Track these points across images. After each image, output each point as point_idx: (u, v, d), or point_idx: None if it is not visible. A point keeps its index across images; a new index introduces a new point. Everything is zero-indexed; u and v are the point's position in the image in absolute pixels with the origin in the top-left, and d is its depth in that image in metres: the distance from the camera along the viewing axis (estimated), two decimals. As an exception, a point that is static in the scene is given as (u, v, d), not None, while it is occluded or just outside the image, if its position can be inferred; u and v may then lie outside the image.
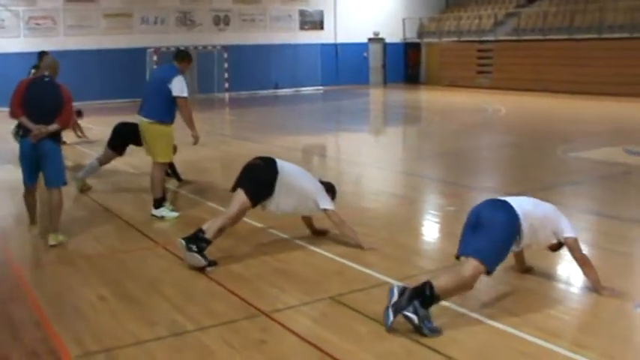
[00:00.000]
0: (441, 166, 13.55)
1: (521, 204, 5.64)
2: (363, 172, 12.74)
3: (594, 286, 5.86)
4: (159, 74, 9.68)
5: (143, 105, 9.18)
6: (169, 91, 8.84)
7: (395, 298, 5.04)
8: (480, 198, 6.75)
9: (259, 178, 7.11)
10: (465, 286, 5.32)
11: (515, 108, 24.32)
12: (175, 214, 9.01)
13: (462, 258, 5.47)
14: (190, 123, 9.12)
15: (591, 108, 23.86)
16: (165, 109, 8.94)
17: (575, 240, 5.84)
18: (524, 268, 6.42)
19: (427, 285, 5.10)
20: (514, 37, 32.65)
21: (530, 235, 5.58)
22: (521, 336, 5.06)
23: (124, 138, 10.95)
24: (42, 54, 13.08)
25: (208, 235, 6.78)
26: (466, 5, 38.30)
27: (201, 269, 6.70)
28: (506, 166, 13.47)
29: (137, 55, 29.87)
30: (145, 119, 9.02)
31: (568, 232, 5.82)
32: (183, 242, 6.73)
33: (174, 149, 9.93)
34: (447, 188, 11.15)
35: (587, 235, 7.60)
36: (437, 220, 9.10)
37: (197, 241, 6.73)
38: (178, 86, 8.87)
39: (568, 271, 6.34)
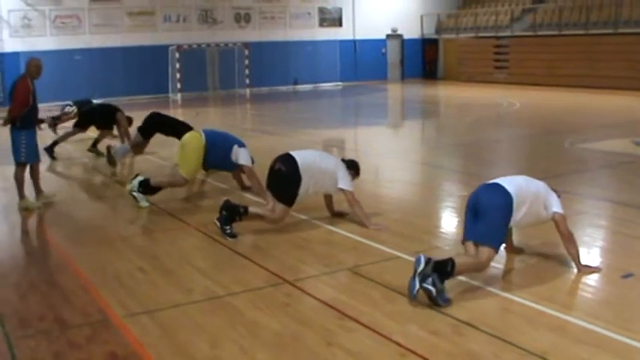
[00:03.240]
0: (454, 156, 14.13)
1: (513, 183, 6.25)
2: (380, 163, 13.33)
3: (574, 262, 6.39)
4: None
5: (214, 133, 9.97)
6: (231, 156, 9.68)
7: (422, 266, 5.58)
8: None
9: (288, 186, 7.85)
10: (481, 269, 6.02)
11: (530, 102, 24.75)
12: (145, 204, 9.48)
13: (469, 243, 6.11)
14: (261, 190, 9.31)
15: (605, 102, 24.27)
16: (228, 156, 9.72)
17: (562, 216, 6.39)
18: (514, 249, 6.97)
19: (450, 262, 5.69)
20: (530, 33, 33.06)
21: (521, 210, 6.17)
22: (516, 300, 5.70)
23: (154, 125, 11.64)
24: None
25: (251, 210, 7.75)
26: (483, 1, 38.71)
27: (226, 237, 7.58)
28: (515, 157, 14.02)
29: (160, 52, 30.60)
30: (202, 136, 9.64)
31: (556, 208, 6.39)
32: (225, 229, 7.66)
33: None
34: (459, 177, 11.75)
35: (584, 217, 8.26)
36: (448, 204, 9.69)
37: (234, 211, 7.67)
38: (245, 156, 9.73)
39: (562, 249, 6.87)
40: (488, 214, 6.03)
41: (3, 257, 7.72)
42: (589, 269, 6.34)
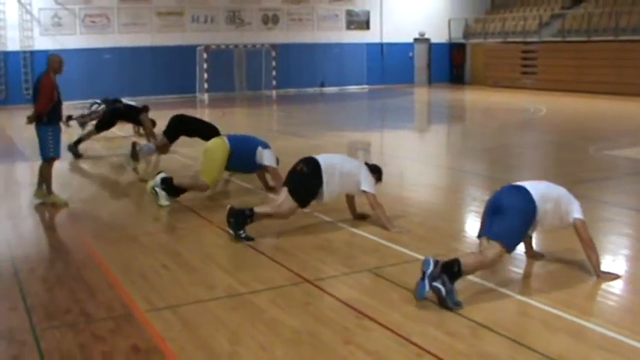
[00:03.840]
0: (479, 161, 14.15)
1: (537, 188, 6.28)
2: (405, 166, 13.37)
3: (594, 269, 6.39)
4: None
5: (238, 137, 10.06)
6: (255, 158, 9.81)
7: (431, 267, 5.65)
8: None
9: (305, 186, 7.95)
10: (487, 266, 6.03)
11: (557, 108, 24.67)
12: (166, 203, 9.56)
13: (483, 239, 6.13)
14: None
15: (633, 109, 24.06)
16: (252, 159, 9.87)
17: (583, 222, 6.39)
18: (534, 254, 6.99)
19: (456, 262, 5.74)
20: (559, 39, 32.91)
21: (543, 217, 6.21)
22: (534, 304, 5.74)
23: (178, 128, 11.76)
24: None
25: (256, 210, 7.73)
26: (511, 6, 38.59)
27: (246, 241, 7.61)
28: (540, 162, 14.00)
29: (188, 52, 30.85)
30: (227, 143, 9.69)
31: (577, 214, 6.40)
32: (235, 233, 7.70)
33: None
34: (483, 181, 11.77)
35: (609, 224, 8.27)
36: (471, 208, 9.72)
37: (241, 216, 7.66)
38: (270, 157, 9.89)
39: (582, 255, 6.87)
40: (508, 214, 6.05)
41: (31, 252, 7.88)
42: (609, 276, 6.35)
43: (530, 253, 6.95)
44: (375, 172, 8.38)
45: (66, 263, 7.27)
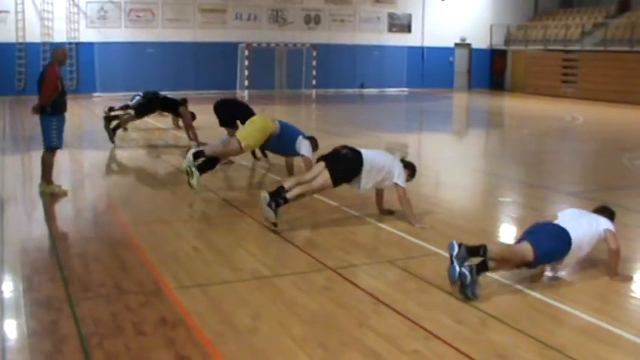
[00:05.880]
0: (511, 165, 14.32)
1: (577, 232, 6.41)
2: (438, 168, 13.61)
3: (610, 270, 6.58)
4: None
5: (285, 122, 10.63)
6: (295, 144, 10.35)
7: (456, 250, 5.95)
8: (538, 194, 9.45)
9: (346, 169, 8.26)
10: (511, 262, 6.22)
11: (595, 118, 24.65)
12: (195, 183, 9.61)
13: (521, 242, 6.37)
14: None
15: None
16: (292, 143, 10.39)
17: (612, 233, 6.58)
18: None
19: (482, 246, 6.04)
20: (601, 48, 32.75)
21: (572, 255, 6.43)
22: (544, 300, 5.98)
23: (231, 113, 12.11)
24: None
25: (289, 196, 7.92)
26: (554, 14, 38.52)
27: (275, 230, 7.86)
28: (568, 168, 14.10)
29: (230, 49, 31.43)
30: (276, 122, 10.25)
31: (607, 226, 6.61)
32: (267, 197, 7.83)
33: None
34: (511, 184, 11.96)
35: (630, 229, 8.39)
36: (494, 208, 9.96)
37: (277, 195, 7.87)
38: (307, 148, 10.38)
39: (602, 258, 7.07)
40: (553, 240, 6.32)
41: (72, 231, 8.41)
42: (621, 277, 6.55)
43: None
44: (409, 167, 8.62)
45: (102, 242, 7.67)
